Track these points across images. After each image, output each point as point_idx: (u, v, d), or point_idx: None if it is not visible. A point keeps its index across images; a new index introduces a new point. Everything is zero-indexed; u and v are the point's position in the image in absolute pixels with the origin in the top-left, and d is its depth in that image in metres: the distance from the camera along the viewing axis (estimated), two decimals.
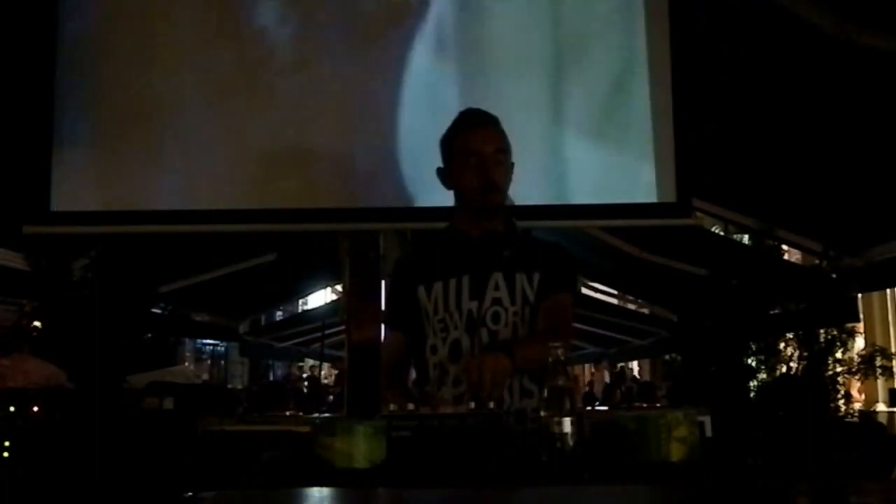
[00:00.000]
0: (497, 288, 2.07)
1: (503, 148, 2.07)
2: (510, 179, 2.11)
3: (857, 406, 6.90)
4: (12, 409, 2.38)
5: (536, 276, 2.09)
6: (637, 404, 9.79)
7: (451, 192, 2.15)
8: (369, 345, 3.69)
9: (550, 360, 1.61)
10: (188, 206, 3.40)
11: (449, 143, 2.12)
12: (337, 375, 12.04)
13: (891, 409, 8.80)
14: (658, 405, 8.30)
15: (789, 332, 5.08)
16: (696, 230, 4.33)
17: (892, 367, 5.28)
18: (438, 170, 2.14)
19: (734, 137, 4.47)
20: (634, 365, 18.62)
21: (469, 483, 1.46)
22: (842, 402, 5.04)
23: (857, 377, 5.27)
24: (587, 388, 13.63)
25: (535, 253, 2.13)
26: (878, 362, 5.12)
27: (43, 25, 3.42)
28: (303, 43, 3.47)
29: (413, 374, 2.22)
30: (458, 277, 2.09)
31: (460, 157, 2.08)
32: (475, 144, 2.06)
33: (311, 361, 14.35)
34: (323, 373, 13.44)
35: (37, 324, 4.75)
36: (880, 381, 7.67)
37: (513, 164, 2.12)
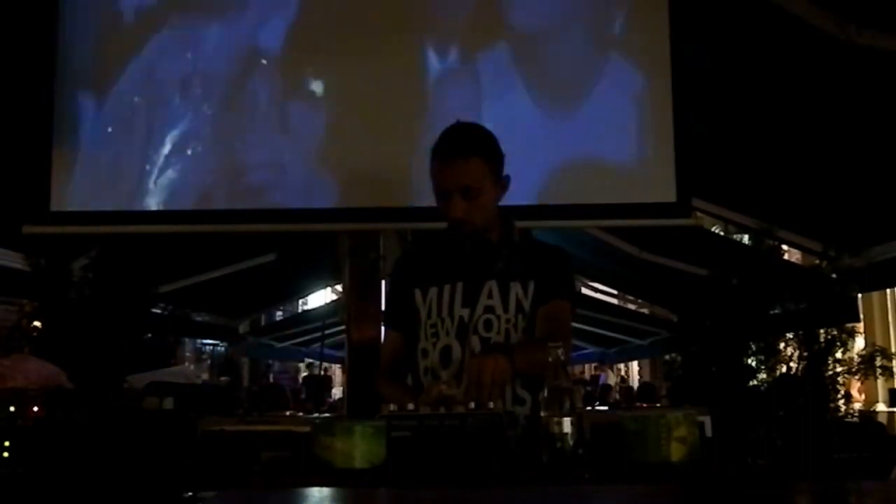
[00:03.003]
0: (490, 296, 2.08)
1: (473, 186, 2.01)
2: (495, 200, 2.09)
3: (857, 406, 6.89)
4: (12, 409, 2.37)
5: (531, 285, 2.09)
6: (637, 404, 9.77)
7: None
8: (369, 345, 3.68)
9: (550, 360, 1.61)
10: (188, 206, 3.40)
11: (430, 163, 2.08)
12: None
13: (891, 409, 8.80)
14: (658, 405, 8.29)
15: (789, 332, 5.07)
16: (696, 230, 4.32)
17: (892, 367, 5.27)
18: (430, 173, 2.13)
19: (734, 137, 4.47)
20: (634, 365, 18.65)
21: (469, 483, 1.46)
22: (842, 402, 5.04)
23: (857, 377, 5.26)
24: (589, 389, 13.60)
25: (531, 260, 2.12)
26: (878, 362, 5.11)
27: (43, 26, 3.42)
28: (303, 46, 3.47)
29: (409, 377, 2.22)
30: (452, 284, 2.10)
31: (434, 186, 2.06)
32: (441, 181, 2.04)
33: (310, 361, 14.34)
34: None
35: (37, 324, 4.74)
36: (880, 381, 7.67)
37: (507, 177, 2.09)
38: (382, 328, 3.70)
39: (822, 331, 5.00)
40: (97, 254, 4.89)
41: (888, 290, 9.36)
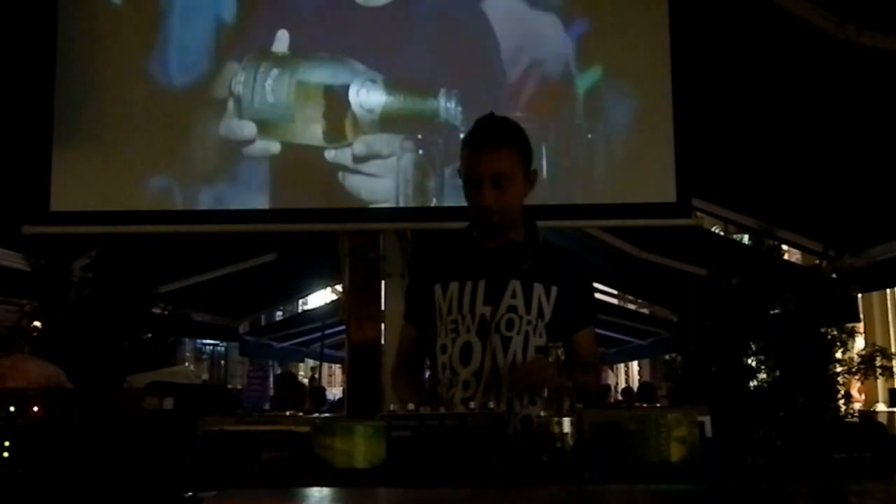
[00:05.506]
0: (514, 296, 2.08)
1: (505, 173, 2.03)
2: (524, 193, 2.10)
3: (857, 406, 6.89)
4: (12, 409, 2.37)
5: (554, 291, 2.09)
6: (637, 404, 9.77)
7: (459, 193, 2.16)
8: (369, 345, 3.69)
9: (550, 360, 1.62)
10: (187, 206, 3.40)
11: (460, 154, 2.10)
12: None
13: (891, 409, 8.79)
14: (658, 405, 8.29)
15: (789, 332, 5.08)
16: (696, 230, 4.33)
17: (892, 367, 5.28)
18: (458, 170, 2.13)
19: (734, 137, 4.47)
20: (634, 365, 18.65)
21: (469, 483, 1.46)
22: (842, 402, 5.04)
23: (857, 377, 5.26)
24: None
25: (554, 265, 2.13)
26: (878, 362, 5.11)
27: (43, 27, 3.42)
28: (299, 43, 3.47)
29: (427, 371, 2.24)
30: (475, 281, 2.09)
31: (464, 176, 2.08)
32: (472, 168, 2.05)
33: (311, 362, 14.35)
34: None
35: (37, 324, 4.75)
36: (880, 381, 7.67)
37: (534, 171, 2.12)
38: (383, 327, 3.72)
39: (821, 331, 5.00)
40: (97, 254, 4.89)
41: (888, 290, 9.36)
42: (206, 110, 3.43)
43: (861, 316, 6.39)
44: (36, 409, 2.39)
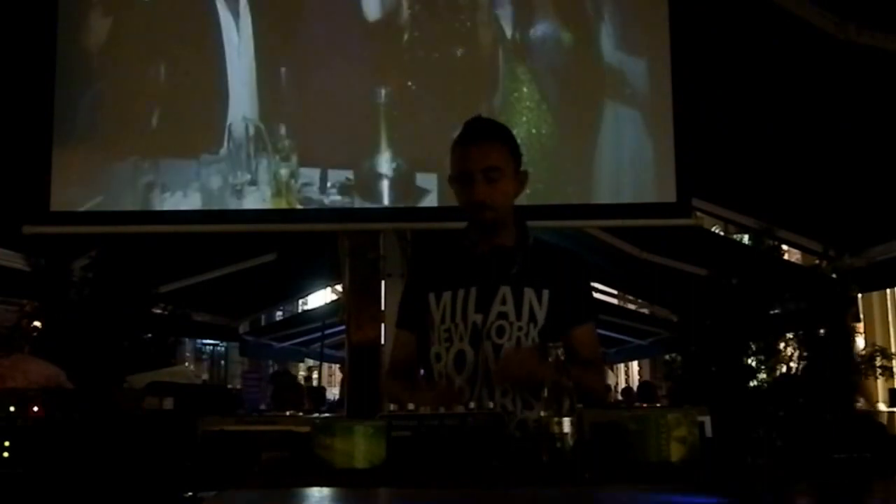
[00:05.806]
0: (504, 302, 2.08)
1: (496, 165, 2.04)
2: (514, 192, 2.11)
3: (856, 406, 6.88)
4: (12, 409, 2.37)
5: (546, 294, 2.09)
6: (637, 404, 9.76)
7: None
8: (369, 345, 3.69)
9: (550, 360, 1.62)
10: (188, 206, 3.40)
11: (451, 156, 2.12)
12: None
13: (891, 409, 8.79)
14: (658, 405, 8.28)
15: (789, 332, 5.08)
16: (696, 230, 4.33)
17: (892, 367, 5.28)
18: (449, 178, 2.14)
19: (734, 137, 4.47)
20: (634, 365, 18.65)
21: (469, 483, 1.46)
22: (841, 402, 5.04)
23: (857, 377, 5.26)
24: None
25: (547, 267, 2.12)
26: (878, 362, 5.11)
27: (44, 27, 3.42)
28: (301, 45, 3.47)
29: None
30: (466, 289, 2.10)
31: (454, 174, 2.10)
32: (464, 164, 2.06)
33: (310, 362, 14.36)
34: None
35: (37, 324, 4.74)
36: (880, 381, 7.66)
37: (525, 172, 2.13)
38: (383, 327, 3.72)
39: (822, 331, 5.00)
40: (97, 254, 4.89)
41: (888, 290, 9.36)
42: (206, 110, 3.43)
43: (861, 316, 6.39)
44: (36, 409, 2.39)
